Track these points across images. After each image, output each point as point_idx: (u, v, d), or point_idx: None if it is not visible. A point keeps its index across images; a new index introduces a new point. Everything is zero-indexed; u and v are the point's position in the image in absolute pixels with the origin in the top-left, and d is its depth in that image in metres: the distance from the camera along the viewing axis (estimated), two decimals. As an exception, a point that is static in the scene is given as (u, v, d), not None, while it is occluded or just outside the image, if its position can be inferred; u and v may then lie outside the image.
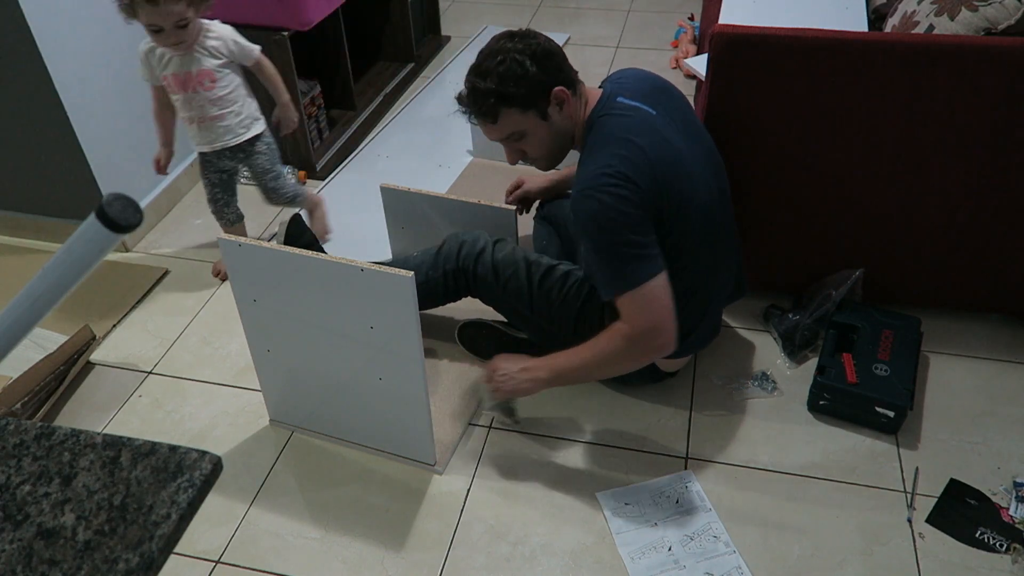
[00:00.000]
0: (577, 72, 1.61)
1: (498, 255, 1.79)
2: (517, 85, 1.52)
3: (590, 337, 1.69)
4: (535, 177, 2.07)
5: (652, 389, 1.88)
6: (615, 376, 1.74)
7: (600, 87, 1.66)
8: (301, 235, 2.01)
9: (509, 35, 1.55)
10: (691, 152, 1.56)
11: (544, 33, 1.59)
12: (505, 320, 1.92)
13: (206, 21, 1.95)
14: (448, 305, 1.94)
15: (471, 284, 1.84)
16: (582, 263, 1.75)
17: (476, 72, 1.57)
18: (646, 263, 1.47)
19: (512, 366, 1.62)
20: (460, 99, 1.62)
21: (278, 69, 2.51)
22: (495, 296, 1.82)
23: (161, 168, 2.19)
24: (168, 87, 2.01)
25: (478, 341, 1.95)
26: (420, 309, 1.48)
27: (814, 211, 1.88)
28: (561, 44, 3.45)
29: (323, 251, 2.09)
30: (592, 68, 3.30)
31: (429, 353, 1.97)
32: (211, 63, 1.98)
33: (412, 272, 1.42)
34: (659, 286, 1.47)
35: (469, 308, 1.98)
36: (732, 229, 1.73)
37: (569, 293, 1.73)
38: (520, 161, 1.69)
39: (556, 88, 1.53)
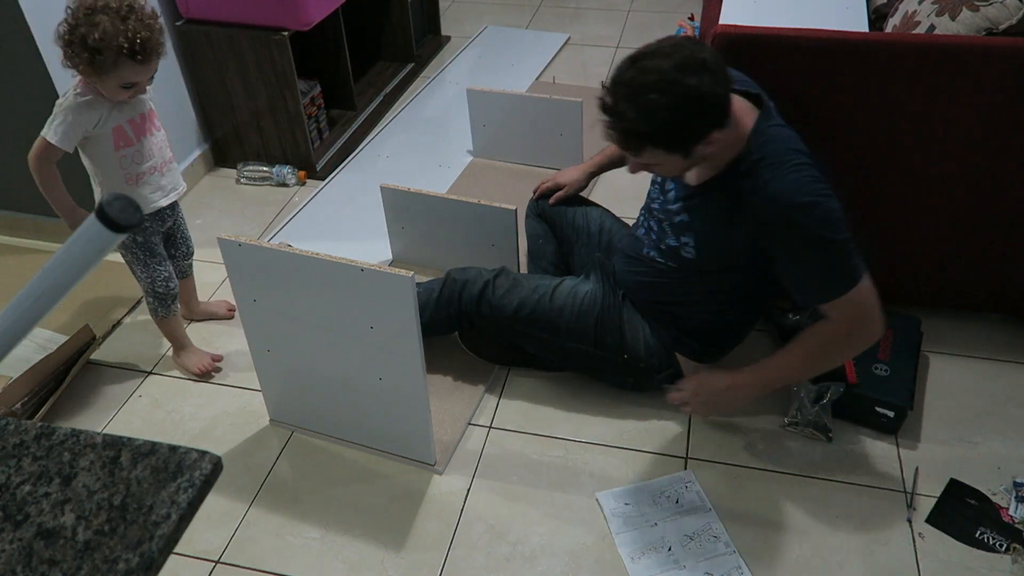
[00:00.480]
0: (730, 84, 1.42)
1: (499, 292, 1.79)
2: (671, 132, 1.37)
3: (614, 344, 1.73)
4: (567, 170, 2.05)
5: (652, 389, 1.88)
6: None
7: (739, 91, 1.51)
8: None
9: (679, 63, 1.32)
10: None
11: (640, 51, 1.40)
12: None
13: None
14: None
15: (477, 324, 1.85)
16: (712, 270, 1.64)
17: (631, 97, 1.36)
18: (859, 258, 1.44)
19: (714, 386, 1.61)
20: (605, 109, 1.41)
21: (278, 69, 2.52)
22: (507, 330, 1.83)
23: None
24: (118, 140, 1.71)
25: (480, 344, 1.95)
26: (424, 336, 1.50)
27: (814, 211, 1.88)
28: (561, 44, 3.49)
29: None
30: (592, 68, 3.30)
31: (429, 353, 1.97)
32: (150, 101, 1.74)
33: (412, 272, 1.42)
34: (869, 287, 1.46)
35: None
36: None
37: (583, 306, 1.74)
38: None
39: (711, 135, 1.38)
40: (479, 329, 1.87)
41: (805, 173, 1.43)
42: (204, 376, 1.96)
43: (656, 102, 1.33)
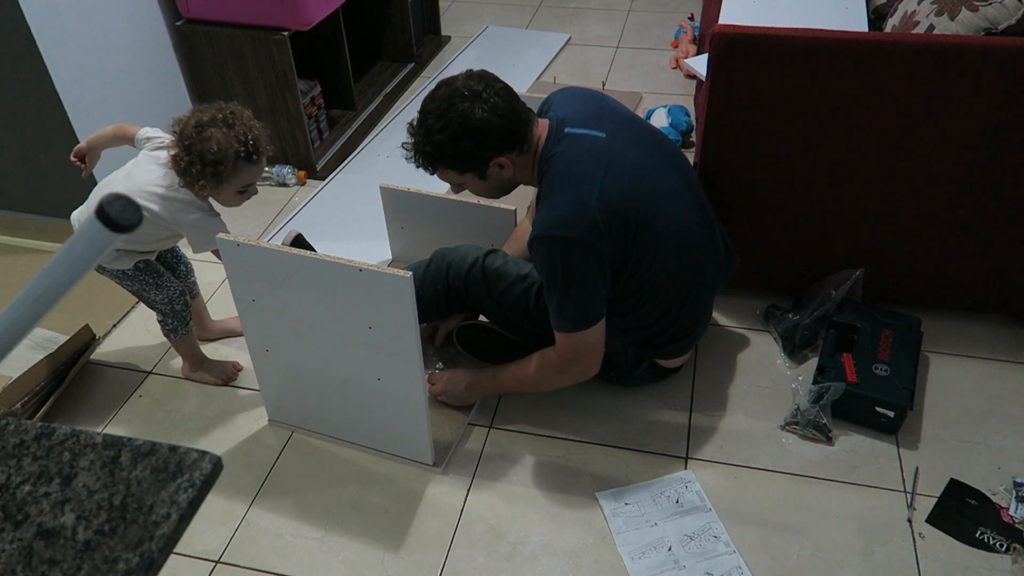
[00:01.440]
0: (529, 117, 1.57)
1: (488, 269, 1.79)
2: (453, 155, 1.55)
3: None
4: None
5: (652, 389, 1.88)
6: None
7: (545, 114, 1.65)
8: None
9: (460, 93, 1.51)
10: (650, 162, 1.57)
11: (496, 79, 1.56)
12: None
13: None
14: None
15: (463, 299, 1.84)
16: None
17: (419, 127, 1.57)
18: (591, 308, 1.55)
19: (459, 384, 1.80)
20: (404, 145, 1.63)
21: (278, 69, 2.52)
22: (489, 308, 1.83)
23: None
24: None
25: (476, 342, 1.95)
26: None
27: (814, 211, 1.88)
28: (561, 44, 3.49)
29: None
30: (592, 68, 3.30)
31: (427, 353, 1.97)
32: None
33: (411, 272, 1.42)
34: (598, 328, 1.58)
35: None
36: (709, 219, 1.72)
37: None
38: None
39: (495, 159, 1.55)
40: (466, 305, 1.86)
41: (559, 209, 1.49)
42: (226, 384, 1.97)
43: (434, 126, 1.52)
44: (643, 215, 1.52)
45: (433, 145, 1.54)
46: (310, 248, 2.09)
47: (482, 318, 1.97)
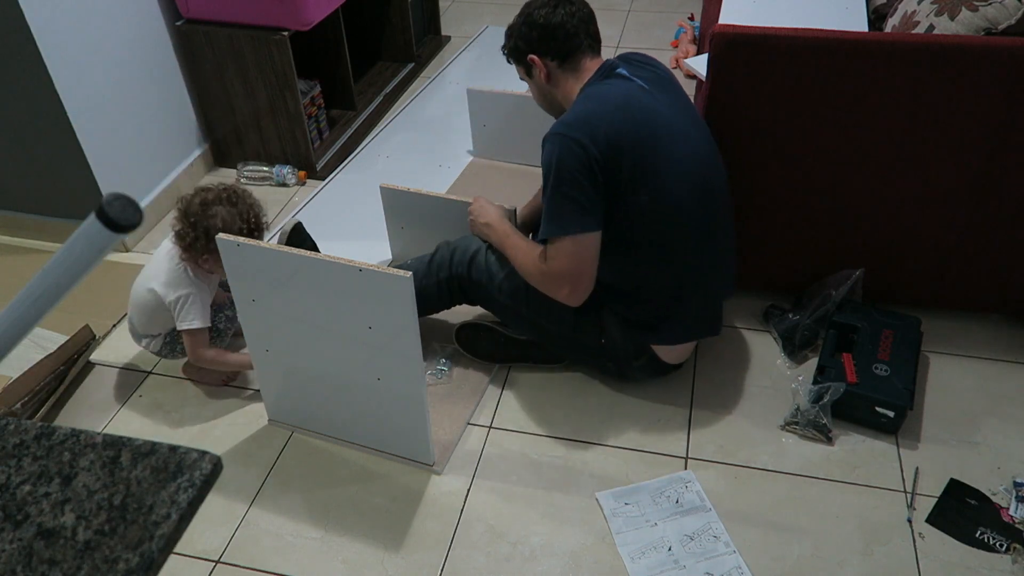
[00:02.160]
0: (585, 48, 1.70)
1: (491, 257, 1.81)
2: (509, 41, 1.76)
3: (591, 329, 1.74)
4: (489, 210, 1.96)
5: (652, 389, 1.88)
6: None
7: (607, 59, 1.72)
8: (301, 244, 2.02)
9: (544, 1, 1.69)
10: (680, 126, 1.61)
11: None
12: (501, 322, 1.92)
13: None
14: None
15: (466, 289, 1.85)
16: None
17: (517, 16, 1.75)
18: (580, 217, 1.56)
19: (482, 218, 1.84)
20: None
21: (278, 69, 2.52)
22: (491, 298, 1.83)
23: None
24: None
25: (476, 342, 1.95)
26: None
27: (814, 211, 1.88)
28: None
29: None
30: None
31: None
32: None
33: (411, 272, 1.42)
34: (586, 242, 1.58)
35: (467, 309, 1.99)
36: (729, 224, 1.73)
37: None
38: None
39: (530, 55, 1.71)
40: (468, 295, 1.87)
41: (570, 116, 1.58)
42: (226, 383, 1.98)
43: (517, 19, 1.73)
44: (646, 157, 1.56)
45: (508, 33, 1.76)
46: (310, 239, 2.09)
47: (480, 318, 1.97)
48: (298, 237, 2.03)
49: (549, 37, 1.68)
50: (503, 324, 1.92)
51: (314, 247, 2.07)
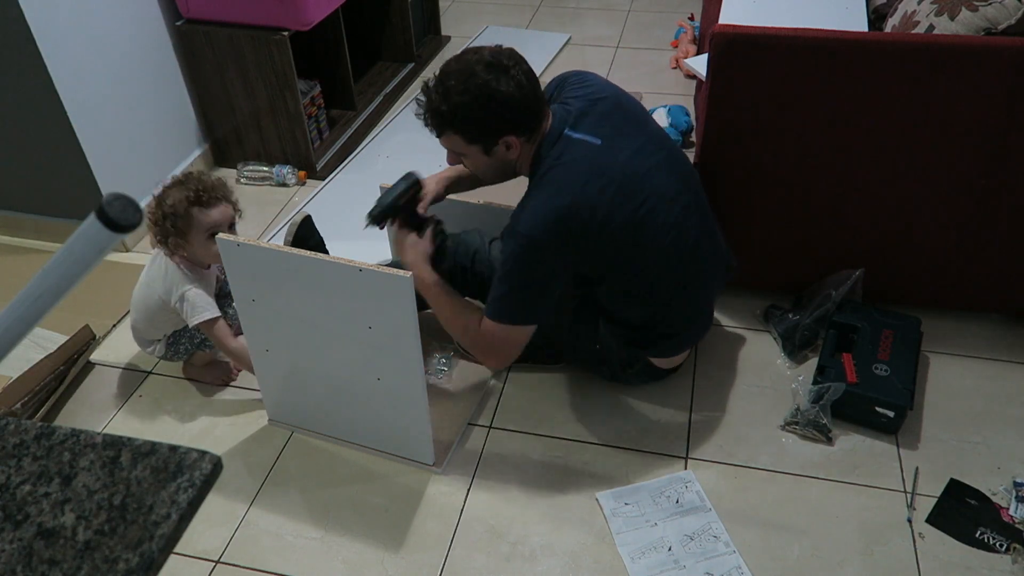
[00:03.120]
0: (544, 108, 1.56)
1: (494, 251, 1.81)
2: (467, 121, 1.51)
3: (587, 334, 1.75)
4: (429, 178, 1.90)
5: (652, 389, 1.88)
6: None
7: (551, 100, 1.64)
8: (309, 237, 2.01)
9: (488, 63, 1.48)
10: (642, 169, 1.56)
11: (520, 60, 1.52)
12: None
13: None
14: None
15: (468, 282, 1.84)
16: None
17: (438, 86, 1.52)
18: (530, 313, 1.59)
19: (411, 258, 1.69)
20: (418, 99, 1.60)
21: (278, 69, 2.52)
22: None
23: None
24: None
25: None
26: (418, 310, 1.48)
27: (814, 211, 1.88)
28: (561, 44, 3.48)
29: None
30: (592, 68, 3.27)
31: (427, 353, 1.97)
32: (220, 272, 1.92)
33: (410, 272, 1.42)
34: (524, 332, 1.61)
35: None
36: (708, 221, 1.71)
37: (566, 290, 1.74)
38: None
39: (506, 137, 1.53)
40: (471, 288, 1.85)
41: (540, 210, 1.50)
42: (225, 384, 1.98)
43: (455, 88, 1.48)
44: (625, 227, 1.53)
45: (450, 106, 1.49)
46: (317, 233, 2.08)
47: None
48: (306, 230, 2.03)
49: (523, 111, 1.50)
50: None
51: (321, 242, 2.07)
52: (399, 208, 1.73)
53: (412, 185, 1.75)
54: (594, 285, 1.69)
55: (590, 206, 1.50)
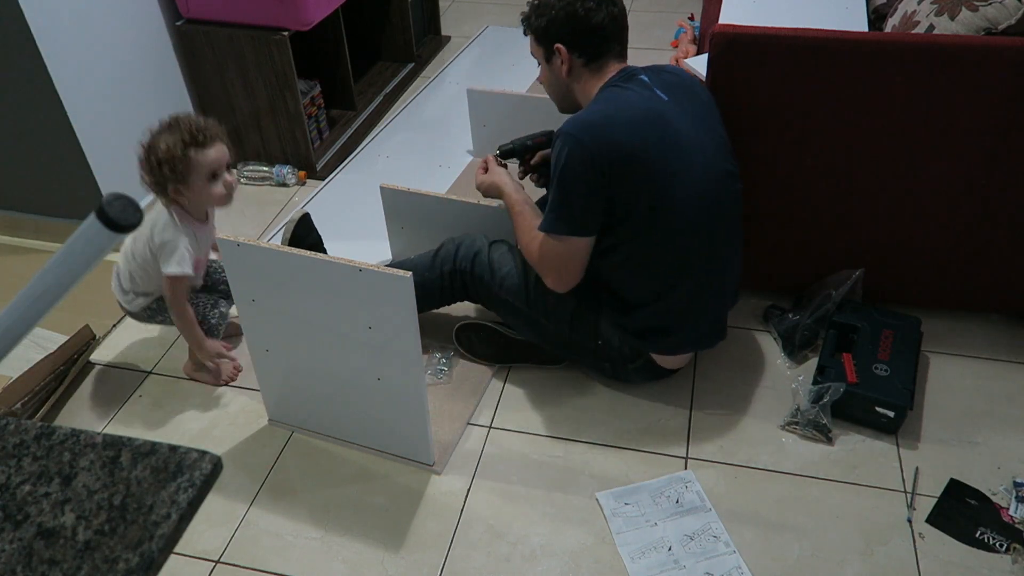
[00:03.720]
0: (615, 52, 1.67)
1: (495, 254, 1.82)
2: (539, 19, 1.67)
3: (587, 330, 1.75)
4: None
5: (652, 389, 1.88)
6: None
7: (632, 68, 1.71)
8: (307, 235, 2.01)
9: None
10: (696, 140, 1.59)
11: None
12: (502, 322, 1.92)
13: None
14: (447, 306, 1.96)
15: (468, 284, 1.85)
16: None
17: None
18: (572, 223, 1.59)
19: (494, 178, 1.83)
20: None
21: (278, 69, 2.52)
22: (492, 294, 1.83)
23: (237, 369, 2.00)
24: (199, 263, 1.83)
25: (475, 342, 1.95)
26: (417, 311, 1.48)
27: (814, 210, 1.88)
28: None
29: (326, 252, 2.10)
30: (592, 68, 3.30)
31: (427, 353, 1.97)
32: (216, 234, 1.84)
33: (410, 272, 1.42)
34: (573, 246, 1.62)
35: (468, 308, 1.99)
36: (738, 239, 1.73)
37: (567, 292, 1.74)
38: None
39: (557, 44, 1.65)
40: (469, 290, 1.88)
41: (600, 114, 1.57)
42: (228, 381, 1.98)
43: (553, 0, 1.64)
44: (656, 170, 1.55)
45: (538, 5, 1.67)
46: (316, 231, 2.08)
47: (480, 318, 1.97)
48: (304, 228, 2.03)
49: (586, 33, 1.63)
50: (503, 324, 1.93)
51: (319, 240, 2.07)
52: (527, 149, 1.94)
53: (544, 136, 1.93)
54: (608, 255, 1.66)
55: (631, 126, 1.54)
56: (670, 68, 1.72)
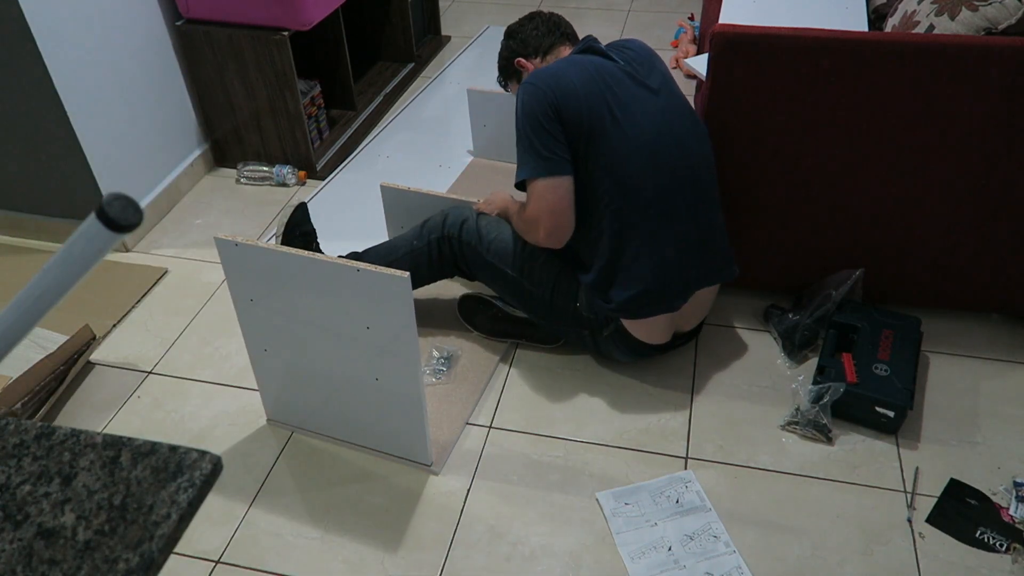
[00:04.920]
0: (562, 39, 1.88)
1: (482, 221, 1.90)
2: (502, 63, 1.96)
3: (568, 291, 1.80)
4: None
5: (652, 389, 1.88)
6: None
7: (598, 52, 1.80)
8: (303, 222, 2.02)
9: (524, 17, 1.94)
10: (650, 102, 1.67)
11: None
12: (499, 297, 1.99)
13: None
14: (447, 288, 2.01)
15: (456, 251, 1.91)
16: None
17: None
18: (545, 162, 1.65)
19: (496, 202, 1.94)
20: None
21: (278, 69, 2.52)
22: (479, 259, 1.88)
23: None
24: None
25: (476, 314, 2.02)
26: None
27: (814, 211, 1.88)
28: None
29: (320, 249, 2.10)
30: (592, 68, 3.30)
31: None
32: None
33: (408, 273, 1.43)
34: (554, 184, 1.66)
35: (468, 285, 1.99)
36: (705, 209, 1.71)
37: (554, 255, 1.80)
38: None
39: (517, 59, 1.90)
40: (457, 258, 1.93)
41: (554, 69, 1.69)
42: None
43: (500, 52, 1.96)
44: (604, 120, 1.63)
45: (498, 63, 1.98)
46: (309, 221, 2.07)
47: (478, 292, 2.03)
48: (301, 215, 2.03)
49: (531, 40, 1.88)
50: (499, 299, 1.98)
51: (313, 231, 2.06)
52: None
53: None
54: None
55: (581, 76, 1.65)
56: (632, 43, 1.79)
